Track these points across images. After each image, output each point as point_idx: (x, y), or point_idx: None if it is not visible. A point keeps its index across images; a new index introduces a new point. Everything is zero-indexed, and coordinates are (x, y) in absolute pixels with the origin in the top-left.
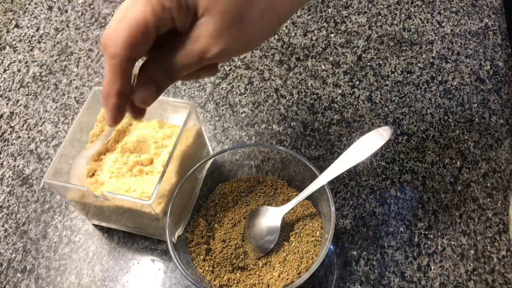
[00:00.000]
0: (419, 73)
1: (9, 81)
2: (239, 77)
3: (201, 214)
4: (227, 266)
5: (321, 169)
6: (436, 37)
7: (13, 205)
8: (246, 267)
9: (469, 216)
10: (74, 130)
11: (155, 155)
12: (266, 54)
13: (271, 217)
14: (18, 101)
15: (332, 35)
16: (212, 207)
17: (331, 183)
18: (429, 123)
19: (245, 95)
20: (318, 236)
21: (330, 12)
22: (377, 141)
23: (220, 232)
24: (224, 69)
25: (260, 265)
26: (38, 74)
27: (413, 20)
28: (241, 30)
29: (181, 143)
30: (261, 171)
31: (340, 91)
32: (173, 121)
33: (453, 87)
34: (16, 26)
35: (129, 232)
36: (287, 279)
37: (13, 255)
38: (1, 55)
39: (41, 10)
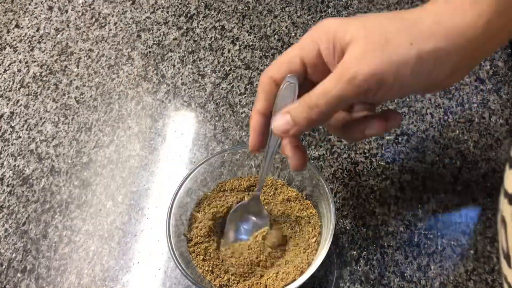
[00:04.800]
0: None
1: (9, 81)
2: (239, 77)
3: (201, 213)
4: (227, 266)
5: (321, 169)
6: None
7: (13, 205)
8: (246, 267)
9: (469, 216)
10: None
11: None
12: (266, 54)
13: (253, 209)
14: (18, 101)
15: None
16: (213, 207)
17: (331, 183)
18: (429, 123)
19: (245, 95)
20: (318, 236)
21: (330, 12)
22: None
23: (220, 231)
24: (224, 69)
25: (260, 265)
26: (38, 74)
27: None
28: (386, 53)
29: None
30: None
31: None
32: None
33: (453, 87)
34: (17, 26)
35: (129, 232)
36: (287, 279)
37: (13, 255)
38: (1, 55)
39: (41, 10)
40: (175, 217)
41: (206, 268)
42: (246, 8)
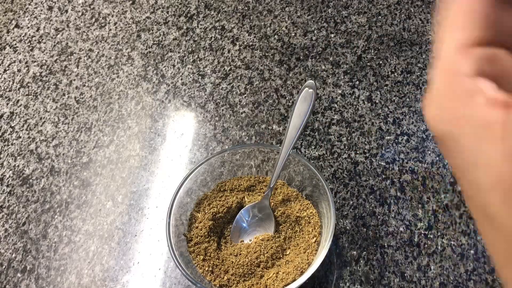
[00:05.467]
0: (419, 73)
1: (9, 81)
2: (239, 77)
3: (201, 213)
4: (227, 266)
5: (321, 169)
6: None
7: (13, 205)
8: (246, 267)
9: (469, 216)
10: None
11: None
12: (266, 54)
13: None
14: (18, 101)
15: (332, 35)
16: (213, 207)
17: (331, 183)
18: None
19: (245, 95)
20: (318, 236)
21: (330, 12)
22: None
23: (220, 231)
24: (224, 69)
25: (261, 265)
26: (38, 74)
27: (413, 20)
28: None
29: None
30: (261, 171)
31: (340, 91)
32: None
33: None
34: (16, 26)
35: (129, 232)
36: (287, 279)
37: (13, 255)
38: (1, 55)
39: (41, 10)
40: (175, 217)
41: (206, 268)
42: (246, 8)
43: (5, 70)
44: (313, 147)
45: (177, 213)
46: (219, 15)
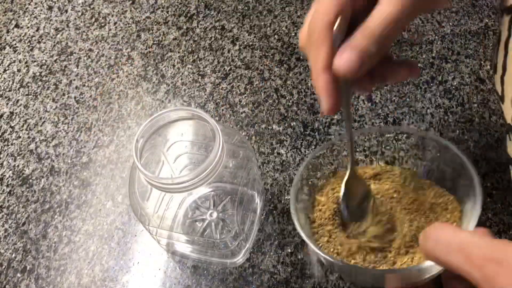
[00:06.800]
0: None
1: (9, 81)
2: (239, 77)
3: (324, 197)
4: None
5: (321, 167)
6: (436, 37)
7: (13, 205)
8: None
9: None
10: None
11: None
12: (266, 54)
13: None
14: (18, 101)
15: None
16: (337, 191)
17: None
18: (429, 123)
19: (245, 95)
20: (458, 221)
21: None
22: None
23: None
24: (224, 69)
25: (392, 252)
26: (38, 74)
27: (413, 20)
28: None
29: None
30: (383, 159)
31: None
32: None
33: (453, 87)
34: (16, 26)
35: (129, 232)
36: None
37: (13, 255)
38: (1, 55)
39: (41, 10)
40: (297, 197)
41: (332, 249)
42: (246, 8)
43: (5, 70)
44: (313, 147)
45: (295, 196)
46: (219, 15)
